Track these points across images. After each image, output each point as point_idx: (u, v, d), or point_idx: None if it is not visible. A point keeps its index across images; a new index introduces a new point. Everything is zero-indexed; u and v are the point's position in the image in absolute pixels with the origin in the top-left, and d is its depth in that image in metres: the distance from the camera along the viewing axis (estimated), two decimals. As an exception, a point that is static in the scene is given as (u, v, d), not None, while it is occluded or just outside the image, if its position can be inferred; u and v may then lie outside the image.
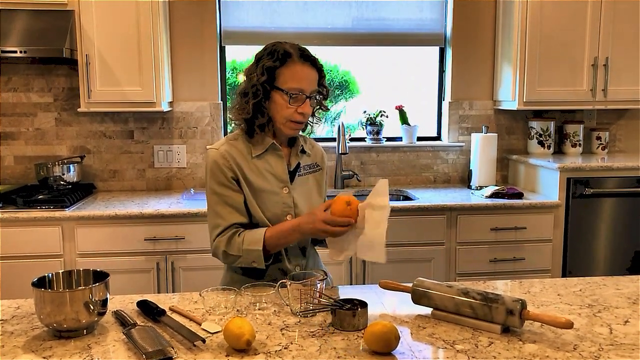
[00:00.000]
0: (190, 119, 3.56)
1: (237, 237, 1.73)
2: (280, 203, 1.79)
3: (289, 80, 1.72)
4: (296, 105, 1.73)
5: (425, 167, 3.77)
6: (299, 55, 1.73)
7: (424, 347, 1.33)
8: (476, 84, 3.74)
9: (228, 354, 1.29)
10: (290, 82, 1.72)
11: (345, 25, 3.64)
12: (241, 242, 1.72)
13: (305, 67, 1.74)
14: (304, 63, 1.74)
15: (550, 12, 3.35)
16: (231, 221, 1.75)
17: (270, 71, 1.73)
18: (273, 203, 1.78)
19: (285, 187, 1.81)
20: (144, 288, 2.94)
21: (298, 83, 1.72)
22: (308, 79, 1.74)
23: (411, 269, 3.08)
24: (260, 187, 1.78)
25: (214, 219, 1.77)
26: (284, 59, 1.73)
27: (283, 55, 1.73)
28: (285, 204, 1.80)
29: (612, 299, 1.64)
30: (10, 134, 3.45)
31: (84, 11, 3.07)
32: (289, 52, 1.73)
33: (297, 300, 1.51)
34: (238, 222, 1.76)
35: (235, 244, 1.73)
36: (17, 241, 2.87)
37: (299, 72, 1.73)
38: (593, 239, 3.28)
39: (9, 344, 1.36)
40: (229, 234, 1.74)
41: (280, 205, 1.79)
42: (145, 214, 2.94)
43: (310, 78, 1.75)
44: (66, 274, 1.51)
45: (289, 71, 1.72)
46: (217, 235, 1.76)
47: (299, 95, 1.72)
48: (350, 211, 1.61)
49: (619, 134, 3.91)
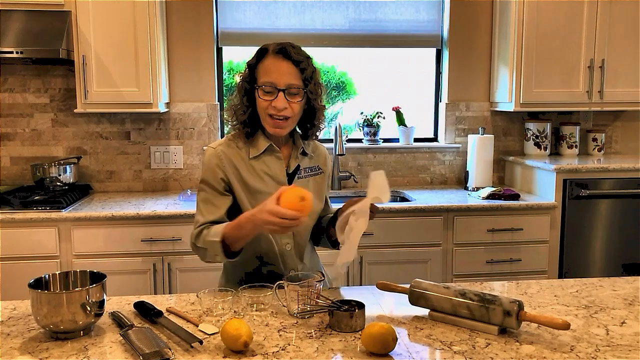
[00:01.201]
0: (187, 119, 3.56)
1: (205, 230, 1.72)
2: None
3: (262, 75, 1.73)
4: (268, 98, 1.70)
5: (422, 168, 3.78)
6: (274, 50, 1.72)
7: (421, 349, 1.34)
8: (473, 85, 3.75)
9: (225, 356, 1.29)
10: (263, 76, 1.72)
11: (342, 27, 3.64)
12: (206, 235, 1.70)
13: (277, 60, 1.71)
14: (276, 56, 1.71)
15: (547, 13, 3.36)
16: (209, 219, 1.74)
17: (250, 69, 1.75)
18: None
19: None
20: (140, 289, 2.94)
21: (268, 76, 1.71)
22: (279, 72, 1.70)
23: (408, 270, 3.08)
24: (256, 189, 1.77)
25: (196, 215, 1.78)
26: (260, 55, 1.74)
27: (260, 52, 1.75)
28: None
29: (608, 300, 1.64)
30: (6, 134, 3.44)
31: (81, 12, 3.07)
32: (266, 49, 1.74)
33: (294, 302, 1.51)
34: (214, 220, 1.73)
35: (202, 237, 1.71)
36: (13, 242, 2.86)
37: (270, 66, 1.72)
38: (589, 240, 3.29)
39: (5, 345, 1.35)
40: (200, 228, 1.73)
41: None
42: (142, 215, 2.93)
43: (282, 71, 1.70)
44: (63, 275, 1.51)
45: (262, 66, 1.73)
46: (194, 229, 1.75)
47: (270, 88, 1.70)
48: (302, 206, 1.51)
49: (615, 136, 3.92)
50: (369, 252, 3.08)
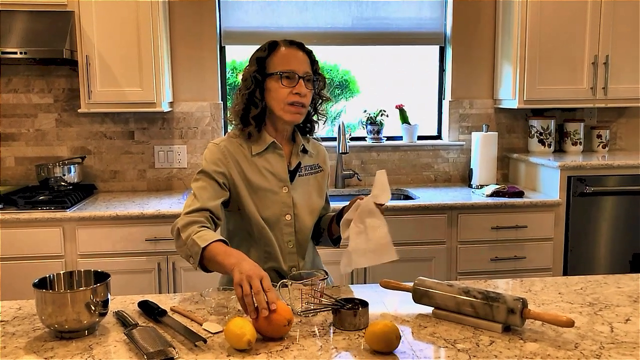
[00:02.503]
0: (190, 119, 3.56)
1: (196, 226, 1.63)
2: (279, 202, 1.79)
3: (279, 64, 1.75)
4: (290, 85, 1.72)
5: (426, 166, 3.77)
6: (286, 42, 1.78)
7: (425, 347, 1.33)
8: (476, 82, 3.74)
9: (229, 354, 1.29)
10: (280, 65, 1.74)
11: (345, 25, 3.64)
12: (193, 231, 1.61)
13: (293, 50, 1.77)
14: (290, 46, 1.77)
15: (550, 10, 3.35)
16: (205, 205, 1.68)
17: (260, 61, 1.77)
18: (272, 202, 1.78)
19: (285, 187, 1.80)
20: (145, 288, 2.94)
21: (288, 64, 1.74)
22: (297, 59, 1.75)
23: (412, 268, 3.08)
24: (259, 186, 1.77)
25: (190, 200, 1.71)
26: (271, 48, 1.77)
27: (270, 45, 1.78)
28: (284, 203, 1.79)
29: (613, 297, 1.64)
30: (10, 135, 3.45)
31: (84, 12, 3.07)
32: (276, 42, 1.78)
33: (298, 300, 1.51)
34: (211, 209, 1.69)
35: (189, 230, 1.62)
36: (18, 242, 2.87)
37: (287, 55, 1.75)
38: (594, 237, 3.28)
39: (10, 345, 1.36)
40: (193, 218, 1.65)
41: (279, 204, 1.78)
42: (146, 215, 2.94)
43: (299, 59, 1.76)
44: (67, 274, 1.51)
45: (277, 57, 1.76)
46: (184, 214, 1.68)
47: (290, 74, 1.73)
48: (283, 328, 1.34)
49: (619, 132, 3.91)
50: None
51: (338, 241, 1.90)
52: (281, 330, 1.35)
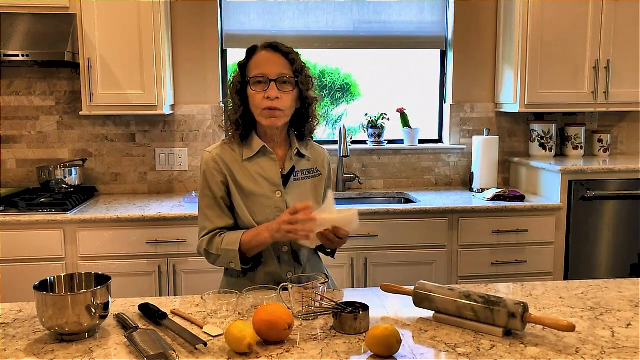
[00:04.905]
0: (191, 121, 3.57)
1: (217, 237, 1.76)
2: (272, 207, 1.78)
3: (253, 69, 1.75)
4: (261, 90, 1.72)
5: (427, 169, 3.77)
6: (263, 46, 1.77)
7: (425, 351, 1.33)
8: (477, 86, 3.74)
9: (229, 357, 1.29)
10: (254, 70, 1.75)
11: (347, 28, 3.64)
12: (220, 242, 1.75)
13: (268, 53, 1.75)
14: (266, 50, 1.76)
15: (551, 14, 3.36)
16: (218, 225, 1.78)
17: (241, 68, 1.78)
18: (265, 207, 1.77)
19: (278, 191, 1.79)
20: (145, 291, 2.94)
21: (259, 69, 1.74)
22: (270, 62, 1.73)
23: (413, 272, 3.08)
24: (251, 191, 1.77)
25: (203, 221, 1.81)
26: (250, 53, 1.78)
27: (249, 51, 1.78)
28: (278, 208, 1.78)
29: (614, 301, 1.64)
30: (12, 137, 3.46)
31: (86, 14, 3.08)
32: (256, 46, 1.78)
33: (298, 303, 1.51)
34: (225, 226, 1.78)
35: (215, 244, 1.76)
36: (19, 244, 2.87)
37: (259, 59, 1.75)
38: (595, 241, 3.27)
39: (10, 347, 1.36)
40: (212, 234, 1.78)
41: (272, 209, 1.77)
42: (147, 217, 2.94)
43: (272, 62, 1.74)
44: (68, 277, 1.52)
45: (253, 62, 1.76)
46: (202, 237, 1.80)
47: (261, 79, 1.72)
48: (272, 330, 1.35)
49: (620, 137, 3.91)
50: (374, 253, 3.07)
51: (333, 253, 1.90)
52: (282, 333, 1.35)
